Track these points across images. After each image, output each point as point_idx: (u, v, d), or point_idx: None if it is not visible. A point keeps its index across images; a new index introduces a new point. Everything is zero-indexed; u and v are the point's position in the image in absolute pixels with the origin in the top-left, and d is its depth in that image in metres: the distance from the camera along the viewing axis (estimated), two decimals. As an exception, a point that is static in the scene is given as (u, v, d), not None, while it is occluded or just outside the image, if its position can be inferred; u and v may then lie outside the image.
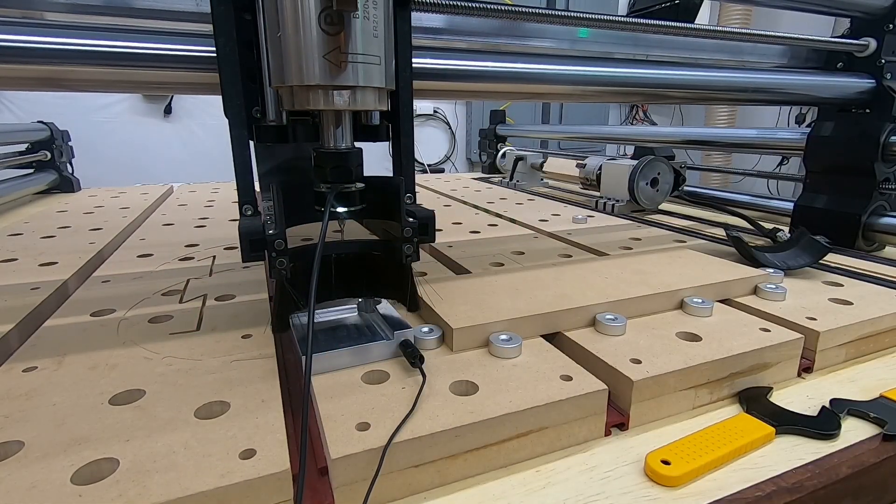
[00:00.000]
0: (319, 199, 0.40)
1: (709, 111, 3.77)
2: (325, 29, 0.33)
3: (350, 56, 0.34)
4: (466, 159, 3.68)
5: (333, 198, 0.39)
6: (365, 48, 0.35)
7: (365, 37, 0.35)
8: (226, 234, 0.85)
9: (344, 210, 0.40)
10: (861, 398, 0.41)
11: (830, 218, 0.85)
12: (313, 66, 0.34)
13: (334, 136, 0.39)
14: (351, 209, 0.41)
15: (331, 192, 0.39)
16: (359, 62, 0.35)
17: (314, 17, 0.33)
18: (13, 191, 1.27)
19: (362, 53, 0.35)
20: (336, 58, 0.34)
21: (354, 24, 0.34)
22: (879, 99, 0.86)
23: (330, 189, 0.39)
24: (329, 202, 0.38)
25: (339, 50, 0.34)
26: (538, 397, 0.34)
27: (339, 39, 0.34)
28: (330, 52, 0.34)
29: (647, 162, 1.08)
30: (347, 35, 0.34)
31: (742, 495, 0.30)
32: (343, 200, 0.40)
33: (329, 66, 0.34)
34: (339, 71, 0.34)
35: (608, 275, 0.56)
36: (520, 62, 0.66)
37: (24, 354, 0.42)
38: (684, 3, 0.80)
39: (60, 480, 0.27)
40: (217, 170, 2.45)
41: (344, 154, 0.40)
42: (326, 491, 0.29)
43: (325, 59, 0.34)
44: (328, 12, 0.33)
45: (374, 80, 0.36)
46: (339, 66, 0.34)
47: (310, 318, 0.34)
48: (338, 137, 0.39)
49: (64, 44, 0.45)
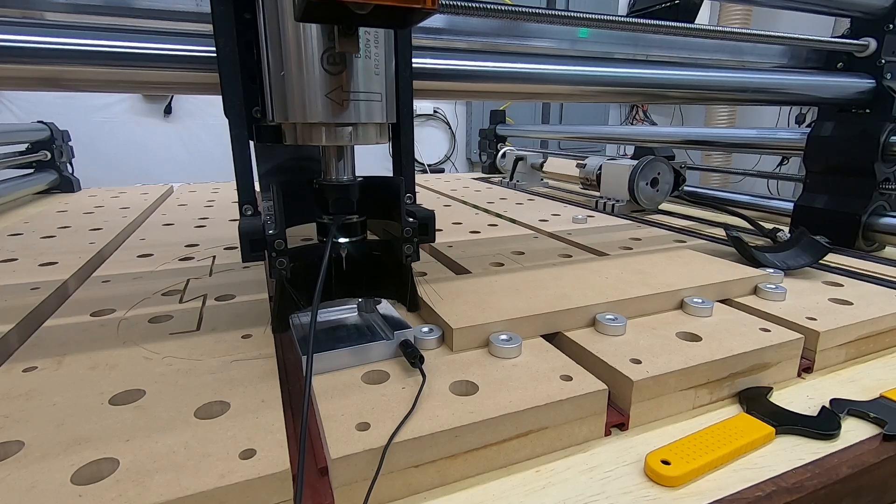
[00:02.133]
0: (321, 230, 0.41)
1: (709, 111, 3.77)
2: (328, 69, 0.34)
3: (352, 94, 0.35)
4: (466, 159, 3.68)
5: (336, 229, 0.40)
6: (366, 86, 0.36)
7: (366, 75, 0.35)
8: (226, 234, 0.85)
9: (346, 241, 0.41)
10: (861, 398, 0.41)
11: (830, 218, 0.85)
12: (316, 104, 0.35)
13: (336, 169, 0.40)
14: (353, 239, 0.42)
15: (333, 224, 0.40)
16: (360, 100, 0.36)
17: (317, 57, 0.34)
18: (13, 191, 1.27)
19: (364, 91, 0.36)
20: (338, 96, 0.35)
21: (356, 63, 0.35)
22: (879, 99, 0.86)
23: (332, 221, 0.40)
24: (332, 234, 0.39)
25: (342, 89, 0.35)
26: (538, 397, 0.34)
27: (341, 78, 0.35)
28: (332, 90, 0.35)
29: (647, 162, 1.08)
30: (349, 74, 0.35)
31: (742, 495, 0.30)
32: (345, 231, 0.41)
33: (331, 104, 0.35)
34: (341, 109, 0.35)
35: (608, 275, 0.56)
36: (520, 62, 0.66)
37: (24, 354, 0.42)
38: (684, 3, 0.80)
39: (60, 480, 0.27)
40: (217, 170, 2.45)
41: (346, 186, 0.40)
42: (326, 491, 0.29)
43: (327, 98, 0.35)
44: (330, 53, 0.34)
45: (376, 116, 0.37)
46: (341, 104, 0.35)
47: (312, 320, 0.34)
48: (339, 170, 0.40)
49: (64, 44, 0.45)
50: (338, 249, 0.40)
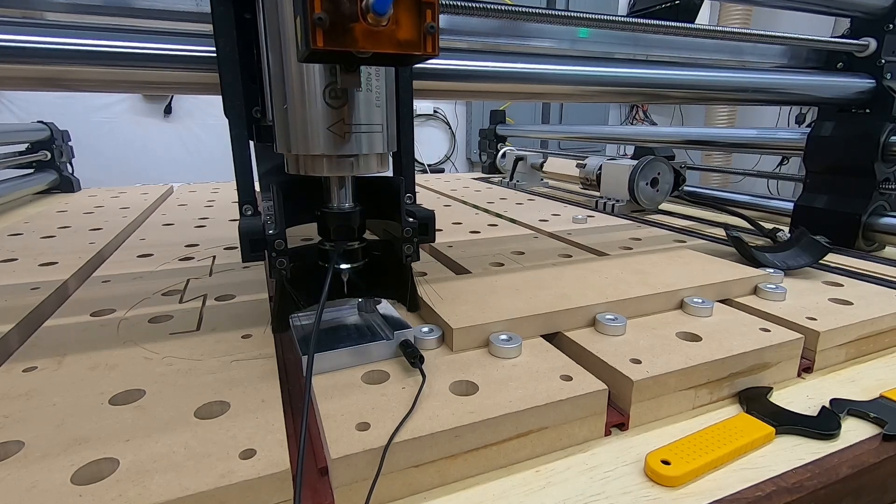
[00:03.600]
0: (323, 256, 0.42)
1: (709, 111, 3.77)
2: (330, 103, 0.35)
3: (353, 127, 0.36)
4: (466, 159, 3.68)
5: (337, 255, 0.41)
6: (368, 118, 0.36)
7: (367, 107, 0.36)
8: (226, 234, 0.85)
9: (347, 267, 0.42)
10: (861, 398, 0.41)
11: (830, 218, 0.85)
12: (318, 137, 0.35)
13: (338, 197, 0.41)
14: (354, 265, 0.42)
15: (335, 251, 0.40)
16: (362, 132, 0.36)
17: (319, 91, 0.34)
18: (13, 191, 1.27)
19: (365, 124, 0.36)
20: (340, 129, 0.35)
21: (357, 96, 0.35)
22: (879, 99, 0.86)
23: (334, 247, 0.41)
24: (333, 260, 0.40)
25: (343, 122, 0.35)
26: (538, 397, 0.34)
27: (342, 112, 0.35)
28: (334, 123, 0.35)
29: (647, 162, 1.08)
30: (351, 108, 0.35)
31: (742, 495, 0.30)
32: (346, 257, 0.42)
33: (333, 136, 0.35)
34: (343, 142, 0.36)
35: (608, 275, 0.56)
36: (520, 62, 0.66)
37: (24, 354, 0.42)
38: (684, 4, 0.80)
39: (60, 480, 0.27)
40: (217, 170, 2.45)
41: (347, 214, 0.41)
42: (326, 491, 0.29)
43: (329, 131, 0.35)
44: (332, 87, 0.34)
45: (377, 147, 0.37)
46: (342, 136, 0.36)
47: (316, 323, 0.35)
48: (341, 198, 0.41)
49: (64, 44, 0.45)
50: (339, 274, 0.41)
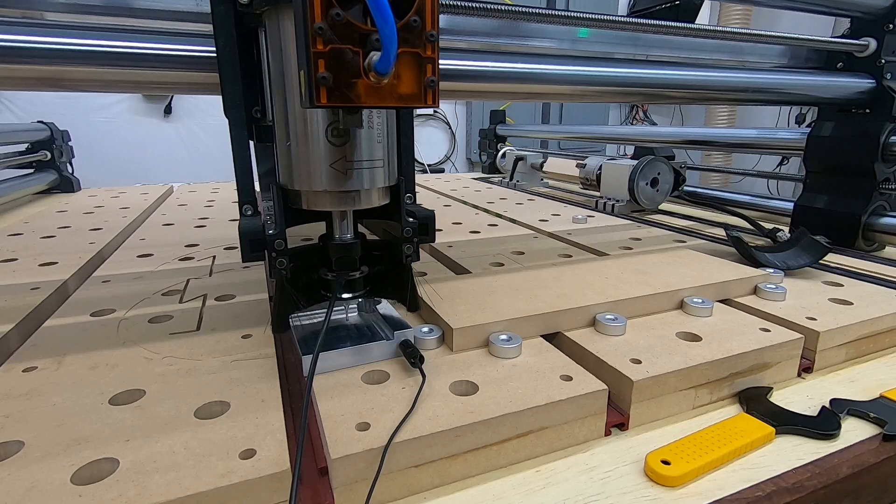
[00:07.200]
0: (326, 286, 0.43)
1: (709, 111, 3.77)
2: (332, 141, 0.35)
3: (355, 163, 0.36)
4: (466, 159, 3.68)
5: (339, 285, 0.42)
6: (369, 154, 0.37)
7: (369, 144, 0.37)
8: (226, 234, 0.85)
9: (349, 296, 0.43)
10: (861, 398, 0.41)
11: (830, 218, 0.85)
12: (321, 174, 0.36)
13: (340, 228, 0.41)
14: (356, 294, 0.43)
15: (337, 281, 0.41)
16: (364, 168, 0.37)
17: (322, 130, 0.35)
18: (13, 191, 1.27)
19: (367, 160, 0.37)
20: (342, 166, 0.36)
21: (359, 134, 0.36)
22: (879, 99, 0.86)
23: (336, 277, 0.41)
24: (336, 291, 0.41)
25: (345, 159, 0.36)
26: (538, 397, 0.34)
27: (345, 149, 0.36)
28: (336, 161, 0.36)
29: (647, 162, 1.08)
30: (353, 145, 0.36)
31: (742, 495, 0.30)
32: (348, 287, 0.42)
33: (336, 173, 0.36)
34: (345, 178, 0.37)
35: (608, 275, 0.56)
36: (520, 62, 0.66)
37: (24, 354, 0.42)
38: (684, 4, 0.80)
39: (60, 480, 0.27)
40: (217, 170, 2.45)
41: (349, 245, 0.41)
42: (326, 491, 0.29)
43: (332, 168, 0.36)
44: (335, 126, 0.35)
45: (378, 181, 0.38)
46: (345, 173, 0.36)
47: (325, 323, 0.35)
48: (343, 229, 0.41)
49: (64, 44, 0.45)
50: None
